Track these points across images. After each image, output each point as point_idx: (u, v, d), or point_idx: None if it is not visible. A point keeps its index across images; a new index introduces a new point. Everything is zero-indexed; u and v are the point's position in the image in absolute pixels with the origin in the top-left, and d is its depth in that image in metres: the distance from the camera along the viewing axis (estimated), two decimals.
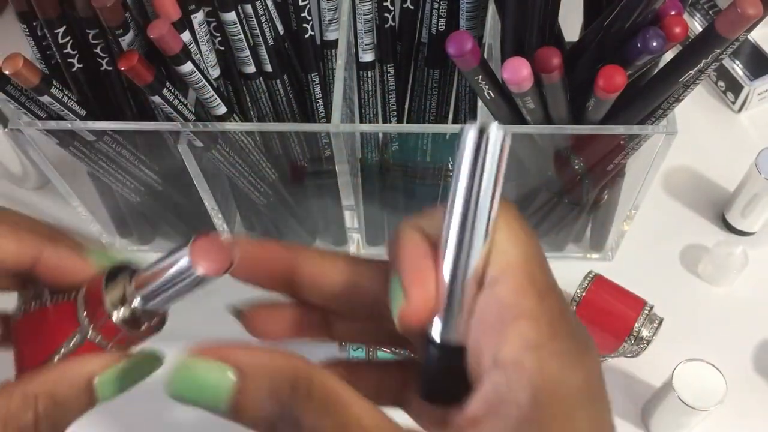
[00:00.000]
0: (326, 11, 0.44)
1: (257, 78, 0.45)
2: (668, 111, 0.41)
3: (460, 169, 0.22)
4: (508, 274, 0.22)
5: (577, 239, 0.55)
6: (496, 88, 0.39)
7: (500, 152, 0.22)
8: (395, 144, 0.47)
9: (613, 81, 0.35)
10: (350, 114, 0.47)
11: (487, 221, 0.22)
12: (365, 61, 0.45)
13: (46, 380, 0.26)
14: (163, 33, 0.37)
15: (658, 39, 0.35)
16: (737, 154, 0.57)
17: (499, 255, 0.23)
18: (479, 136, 0.22)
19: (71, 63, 0.42)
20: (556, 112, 0.40)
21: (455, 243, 0.23)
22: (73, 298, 0.27)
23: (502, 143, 0.22)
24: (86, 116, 0.43)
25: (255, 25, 0.42)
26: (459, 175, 0.22)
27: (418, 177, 0.50)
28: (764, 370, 0.51)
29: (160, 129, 0.44)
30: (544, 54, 0.36)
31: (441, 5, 0.42)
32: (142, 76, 0.39)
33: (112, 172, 0.48)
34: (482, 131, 0.22)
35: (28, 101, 0.43)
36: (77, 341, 0.27)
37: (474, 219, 0.22)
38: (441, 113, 0.48)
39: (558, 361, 0.21)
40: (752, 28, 0.35)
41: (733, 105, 0.63)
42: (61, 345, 0.27)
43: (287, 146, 0.47)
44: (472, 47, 0.35)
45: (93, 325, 0.27)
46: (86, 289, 0.27)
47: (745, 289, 0.54)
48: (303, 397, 0.21)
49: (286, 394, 0.21)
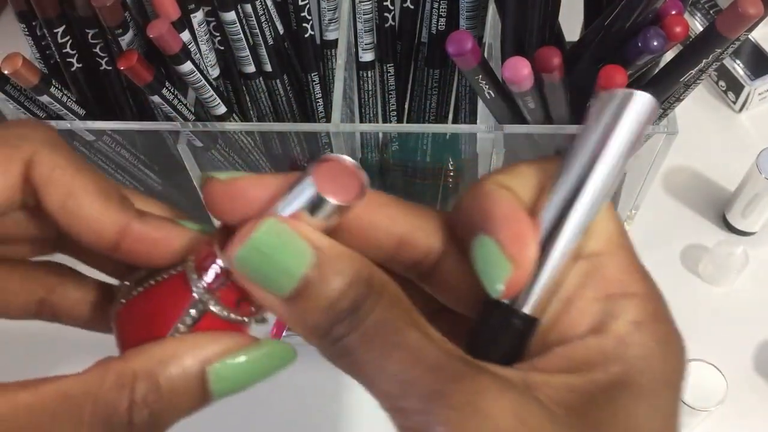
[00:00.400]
0: (326, 11, 0.43)
1: (257, 78, 0.45)
2: (669, 111, 0.41)
3: (591, 131, 0.21)
4: (613, 250, 0.22)
5: None
6: (496, 87, 0.39)
7: (645, 121, 0.21)
8: (395, 144, 0.47)
9: (614, 81, 0.35)
10: (350, 114, 0.47)
11: (607, 188, 0.22)
12: (365, 60, 0.45)
13: (150, 358, 0.21)
14: (162, 32, 0.37)
15: (659, 39, 0.35)
16: (738, 154, 0.57)
17: (600, 229, 0.22)
18: (629, 99, 0.21)
19: (70, 63, 0.42)
20: (557, 111, 0.40)
21: (563, 208, 0.22)
22: (181, 271, 0.23)
23: (650, 113, 0.21)
24: (85, 116, 0.43)
25: (255, 24, 0.42)
26: (589, 136, 0.21)
27: (418, 177, 0.50)
28: (765, 370, 0.51)
29: (159, 129, 0.44)
30: (544, 54, 0.36)
31: (441, 5, 0.42)
32: (141, 76, 0.39)
33: (111, 171, 0.48)
34: (632, 95, 0.21)
35: (27, 101, 0.43)
36: (194, 315, 0.22)
37: (595, 186, 0.21)
38: (441, 113, 0.48)
39: (657, 343, 0.21)
40: (753, 28, 0.35)
41: (733, 105, 0.63)
42: (175, 323, 0.22)
43: (287, 146, 0.47)
44: (472, 47, 0.35)
45: (211, 291, 0.22)
46: (195, 256, 0.23)
47: (746, 289, 0.54)
48: (376, 295, 0.20)
49: (360, 291, 0.20)
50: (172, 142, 0.45)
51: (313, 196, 0.21)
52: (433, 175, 0.50)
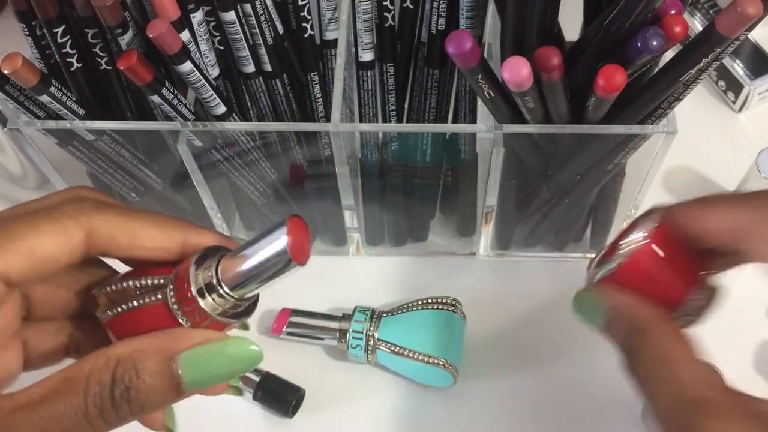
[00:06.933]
0: (326, 11, 0.44)
1: (257, 77, 0.45)
2: (668, 110, 0.41)
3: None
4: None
5: (577, 239, 0.55)
6: (495, 87, 0.39)
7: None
8: (395, 144, 0.47)
9: (614, 80, 0.35)
10: (350, 114, 0.47)
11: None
12: (365, 60, 0.45)
13: (131, 346, 0.27)
14: (162, 32, 0.37)
15: (658, 38, 0.35)
16: (737, 154, 0.57)
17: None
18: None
19: (70, 62, 0.42)
20: (556, 111, 0.40)
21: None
22: (163, 301, 0.28)
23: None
24: (85, 116, 0.43)
25: (254, 24, 0.42)
26: None
27: (418, 177, 0.50)
28: (764, 370, 0.51)
29: (159, 129, 0.44)
30: (544, 53, 0.36)
31: (441, 4, 0.42)
32: (141, 76, 0.39)
33: (111, 171, 0.48)
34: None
35: (27, 101, 0.43)
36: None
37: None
38: (441, 113, 0.48)
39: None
40: (752, 28, 0.35)
41: (733, 104, 0.63)
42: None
43: (287, 146, 0.47)
44: (472, 46, 0.35)
45: (182, 311, 0.27)
46: (175, 274, 0.28)
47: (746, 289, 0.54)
48: (639, 344, 0.30)
49: (631, 339, 0.31)
50: (172, 142, 0.45)
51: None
52: (432, 175, 0.50)
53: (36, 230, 0.26)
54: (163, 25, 0.37)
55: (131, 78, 0.39)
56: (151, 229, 0.29)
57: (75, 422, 0.25)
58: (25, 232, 0.26)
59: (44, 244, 0.26)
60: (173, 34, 0.38)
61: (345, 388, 0.50)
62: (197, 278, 0.27)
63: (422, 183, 0.50)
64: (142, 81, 0.39)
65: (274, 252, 0.26)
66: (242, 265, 0.27)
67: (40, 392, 0.26)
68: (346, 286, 0.54)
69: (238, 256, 0.27)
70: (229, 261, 0.27)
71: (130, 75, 0.39)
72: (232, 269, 0.27)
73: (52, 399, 0.25)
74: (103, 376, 0.26)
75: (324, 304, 0.52)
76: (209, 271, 0.27)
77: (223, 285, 0.27)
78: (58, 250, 0.27)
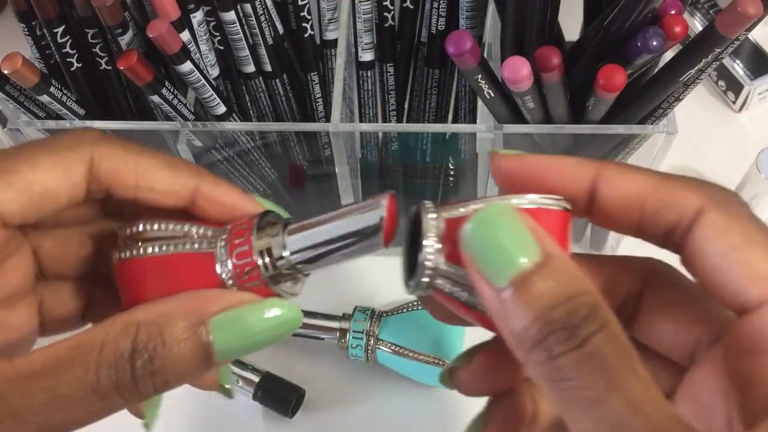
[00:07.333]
0: (326, 10, 0.44)
1: (257, 77, 0.45)
2: (668, 110, 0.41)
3: None
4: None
5: (577, 239, 0.55)
6: (495, 87, 0.39)
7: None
8: (395, 144, 0.47)
9: (613, 80, 0.35)
10: (350, 114, 0.47)
11: None
12: (365, 60, 0.45)
13: (154, 311, 0.22)
14: (162, 32, 0.37)
15: (658, 38, 0.35)
16: (737, 154, 0.57)
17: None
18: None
19: (70, 62, 0.42)
20: (556, 111, 0.40)
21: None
22: (210, 251, 0.24)
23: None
24: (85, 116, 0.43)
25: (254, 24, 0.42)
26: None
27: (418, 177, 0.50)
28: None
29: (159, 129, 0.44)
30: (543, 53, 0.36)
31: (441, 4, 0.42)
32: (141, 76, 0.39)
33: None
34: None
35: (27, 101, 0.43)
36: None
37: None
38: (441, 113, 0.48)
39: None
40: (752, 28, 0.35)
41: (733, 104, 0.63)
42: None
43: (287, 146, 0.47)
44: (472, 46, 0.35)
45: (231, 267, 0.23)
46: (232, 227, 0.24)
47: None
48: (599, 323, 0.18)
49: (582, 311, 0.18)
50: (172, 142, 0.45)
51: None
52: (432, 175, 0.50)
53: (32, 163, 0.23)
54: (163, 25, 0.37)
55: (131, 78, 0.39)
56: (161, 169, 0.25)
57: (82, 397, 0.21)
58: (20, 166, 0.23)
59: (42, 178, 0.23)
60: (173, 34, 0.38)
61: (345, 388, 0.50)
62: (261, 237, 0.24)
63: (422, 183, 0.50)
64: (142, 81, 0.39)
65: (363, 226, 0.23)
66: (316, 235, 0.24)
67: (42, 360, 0.22)
68: (346, 286, 0.54)
69: (313, 224, 0.24)
70: (300, 227, 0.24)
71: (130, 75, 0.39)
72: (302, 236, 0.24)
73: (55, 369, 0.21)
74: (120, 343, 0.22)
75: (324, 304, 0.52)
76: (276, 231, 0.24)
77: (288, 250, 0.24)
78: (58, 185, 0.24)
